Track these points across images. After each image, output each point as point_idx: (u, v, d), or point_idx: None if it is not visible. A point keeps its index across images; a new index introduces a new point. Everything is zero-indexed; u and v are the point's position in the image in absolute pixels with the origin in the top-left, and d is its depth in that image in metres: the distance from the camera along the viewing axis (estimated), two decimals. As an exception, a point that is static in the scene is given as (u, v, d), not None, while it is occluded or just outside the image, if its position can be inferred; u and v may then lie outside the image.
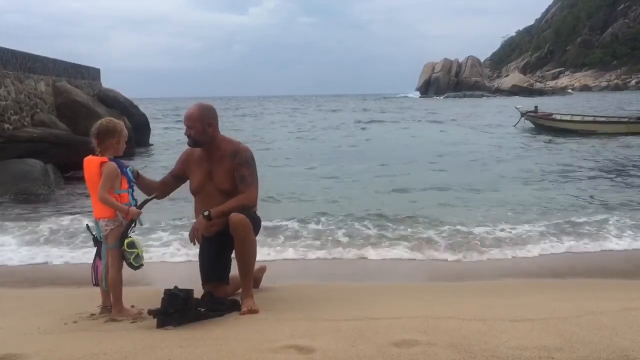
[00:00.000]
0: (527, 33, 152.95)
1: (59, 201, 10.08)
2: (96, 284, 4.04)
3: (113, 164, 3.82)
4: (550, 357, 2.78)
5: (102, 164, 3.79)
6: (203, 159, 4.19)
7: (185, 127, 4.16)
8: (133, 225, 3.88)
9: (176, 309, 3.56)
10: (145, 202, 4.04)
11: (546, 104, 29.75)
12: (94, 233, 3.99)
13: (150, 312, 3.64)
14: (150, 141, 20.68)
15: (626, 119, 22.85)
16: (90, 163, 3.85)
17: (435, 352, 2.86)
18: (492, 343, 2.96)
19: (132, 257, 3.80)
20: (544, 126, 24.63)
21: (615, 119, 23.23)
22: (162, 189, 4.35)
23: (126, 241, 3.79)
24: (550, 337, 3.04)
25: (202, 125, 4.09)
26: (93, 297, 4.09)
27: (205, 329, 3.50)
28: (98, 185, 3.78)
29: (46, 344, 3.24)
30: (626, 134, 20.64)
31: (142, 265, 3.89)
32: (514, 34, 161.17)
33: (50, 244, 6.95)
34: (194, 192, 4.26)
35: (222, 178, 4.10)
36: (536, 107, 26.28)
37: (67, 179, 11.89)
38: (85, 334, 3.48)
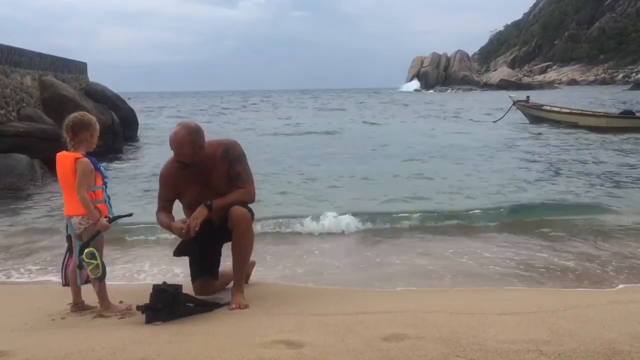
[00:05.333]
0: (515, 27, 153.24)
1: (44, 196, 9.98)
2: (66, 284, 3.98)
3: (87, 160, 3.73)
4: (538, 350, 2.80)
5: (76, 160, 3.71)
6: (193, 172, 4.00)
7: (176, 154, 3.92)
8: (97, 235, 3.78)
9: (164, 305, 3.55)
10: (118, 217, 3.95)
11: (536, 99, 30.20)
12: (67, 232, 3.93)
13: (138, 308, 3.61)
14: (138, 135, 20.56)
15: (605, 113, 23.63)
16: (64, 159, 3.76)
17: (425, 346, 2.87)
18: (480, 336, 2.97)
19: (90, 267, 3.70)
20: (532, 115, 25.46)
21: (600, 113, 23.80)
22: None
23: (86, 251, 3.69)
24: (538, 330, 3.06)
25: (192, 150, 3.89)
26: (82, 293, 4.05)
27: (194, 324, 3.49)
28: (72, 182, 3.70)
29: (33, 340, 3.22)
30: (606, 128, 21.04)
31: (100, 277, 3.76)
32: (502, 28, 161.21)
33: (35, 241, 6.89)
34: (189, 205, 4.08)
35: (220, 183, 3.99)
36: (528, 97, 27.18)
37: (53, 174, 11.79)
38: (73, 330, 3.46)
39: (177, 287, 3.66)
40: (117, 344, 3.03)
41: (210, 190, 3.98)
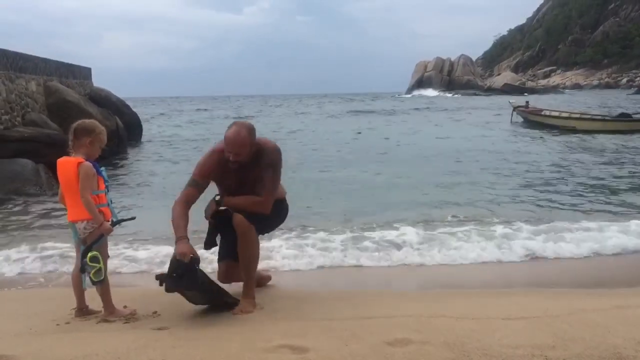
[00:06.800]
0: (519, 32, 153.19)
1: (49, 201, 10.01)
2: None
3: (89, 164, 3.75)
4: (544, 355, 2.79)
5: (78, 164, 3.72)
6: (231, 166, 3.96)
7: (231, 154, 3.86)
8: (100, 239, 3.80)
9: (184, 272, 3.54)
10: (121, 221, 3.96)
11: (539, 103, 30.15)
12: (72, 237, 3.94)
13: (157, 277, 3.63)
14: (143, 141, 20.63)
15: (601, 117, 23.68)
16: (66, 164, 3.78)
17: (429, 351, 2.87)
18: (485, 341, 2.97)
19: (93, 271, 3.71)
20: (532, 121, 25.64)
21: (597, 117, 23.89)
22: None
23: (89, 254, 3.71)
24: (543, 335, 3.06)
25: (250, 149, 3.90)
26: (86, 298, 4.05)
27: (198, 328, 3.49)
28: (75, 186, 3.72)
29: (38, 345, 3.22)
30: (603, 131, 21.12)
31: (101, 280, 3.78)
32: (505, 32, 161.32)
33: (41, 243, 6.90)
34: (221, 194, 4.11)
35: (254, 184, 3.98)
36: (527, 102, 27.41)
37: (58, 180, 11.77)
38: (78, 335, 3.47)
39: (195, 258, 3.66)
40: (122, 348, 3.04)
41: (243, 189, 3.99)
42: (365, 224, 7.46)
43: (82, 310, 3.94)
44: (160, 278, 3.59)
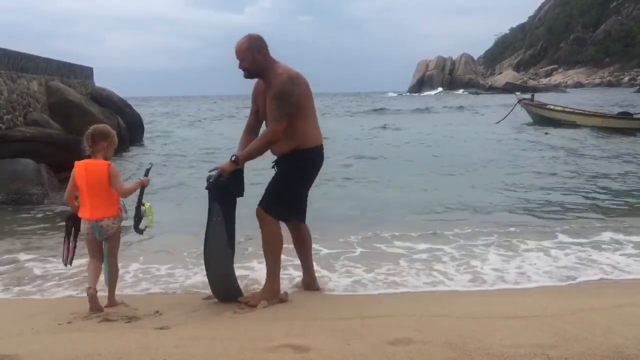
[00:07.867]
0: (521, 31, 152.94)
1: (52, 202, 10.02)
2: (68, 263, 4.23)
3: (115, 165, 4.11)
4: (545, 355, 2.79)
5: (109, 165, 4.04)
6: (263, 90, 4.15)
7: (238, 62, 4.09)
8: (143, 191, 4.21)
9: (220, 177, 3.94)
10: (148, 170, 4.40)
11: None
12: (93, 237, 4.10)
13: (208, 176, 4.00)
14: (144, 140, 20.62)
15: (602, 114, 23.83)
16: (95, 166, 4.04)
17: (430, 351, 2.86)
18: (486, 341, 2.96)
19: (149, 219, 4.13)
20: (535, 114, 25.68)
21: (598, 114, 24.01)
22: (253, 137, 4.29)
23: (147, 204, 4.12)
24: (544, 334, 3.05)
25: (252, 54, 4.03)
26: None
27: (200, 328, 3.50)
28: (106, 186, 4.01)
29: (40, 344, 3.23)
30: (601, 128, 21.34)
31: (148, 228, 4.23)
32: (507, 31, 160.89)
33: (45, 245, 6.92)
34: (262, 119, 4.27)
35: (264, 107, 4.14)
36: (532, 95, 27.47)
37: (60, 180, 11.75)
38: (80, 335, 3.47)
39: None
40: (123, 348, 3.04)
41: (265, 110, 4.13)
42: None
43: (94, 297, 4.01)
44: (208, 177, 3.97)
